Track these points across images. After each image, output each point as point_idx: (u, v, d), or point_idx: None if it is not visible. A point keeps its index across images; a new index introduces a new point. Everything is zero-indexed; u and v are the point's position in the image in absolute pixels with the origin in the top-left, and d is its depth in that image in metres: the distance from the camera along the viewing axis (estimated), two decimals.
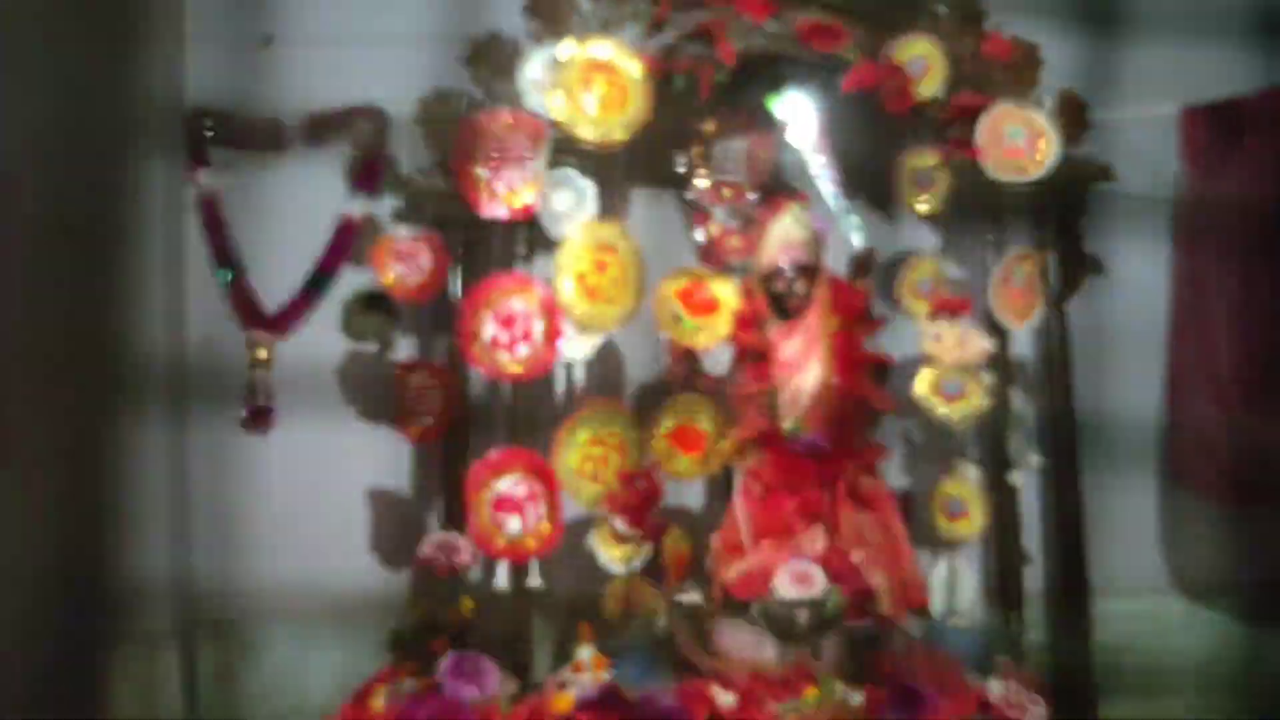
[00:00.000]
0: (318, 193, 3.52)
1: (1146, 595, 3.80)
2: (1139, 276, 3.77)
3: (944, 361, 3.18)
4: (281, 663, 3.76)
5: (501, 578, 3.04)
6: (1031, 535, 3.74)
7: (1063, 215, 3.39)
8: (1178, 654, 3.79)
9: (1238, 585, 3.66)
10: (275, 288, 3.72)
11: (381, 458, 3.76)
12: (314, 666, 3.74)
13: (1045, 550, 3.78)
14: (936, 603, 3.21)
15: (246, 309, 3.71)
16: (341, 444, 3.74)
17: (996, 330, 3.38)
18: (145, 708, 3.50)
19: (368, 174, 3.37)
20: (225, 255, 3.72)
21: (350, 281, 3.59)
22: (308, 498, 3.73)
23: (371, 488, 3.77)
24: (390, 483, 3.77)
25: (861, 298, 3.21)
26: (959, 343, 3.18)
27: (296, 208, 3.67)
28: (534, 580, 3.05)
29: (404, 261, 3.21)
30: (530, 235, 3.21)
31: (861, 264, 3.23)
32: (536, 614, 3.35)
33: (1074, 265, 3.56)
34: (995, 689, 2.73)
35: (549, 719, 2.63)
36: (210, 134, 3.64)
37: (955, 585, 3.18)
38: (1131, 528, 3.79)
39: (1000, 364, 3.39)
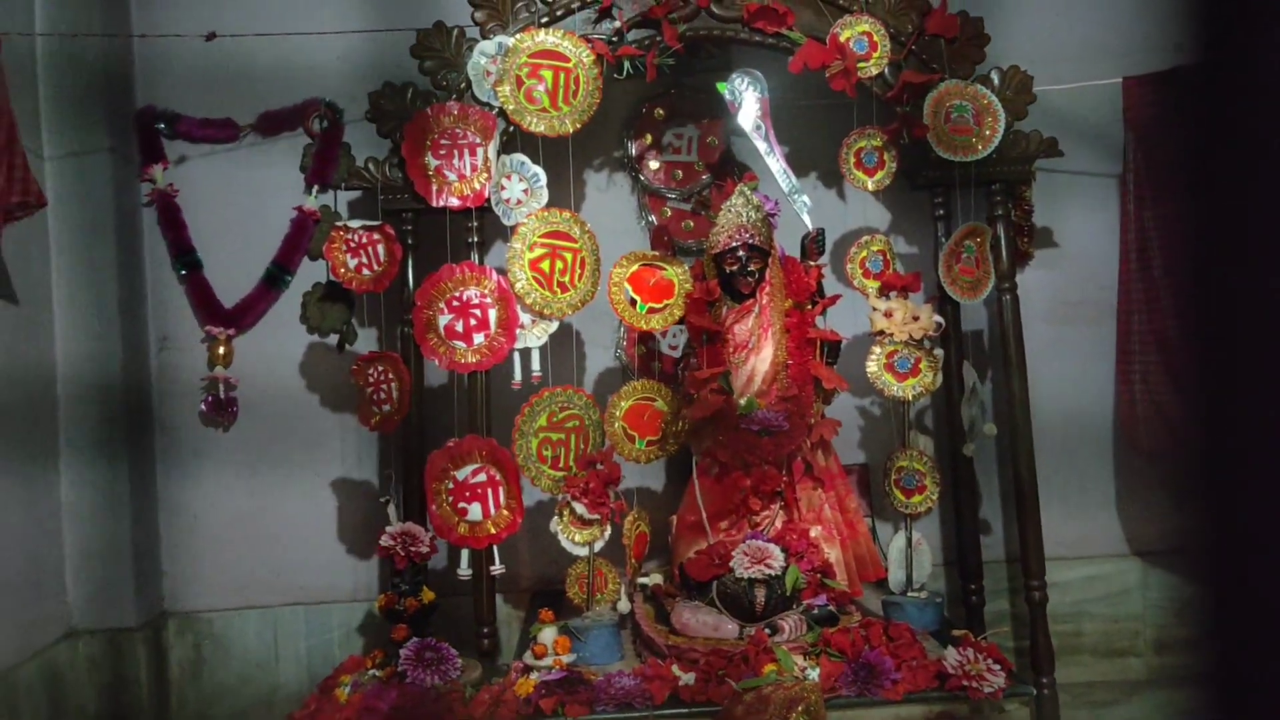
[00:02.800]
0: (272, 187, 3.53)
1: (1102, 560, 3.87)
2: (1088, 247, 3.82)
3: (896, 338, 3.22)
4: (250, 654, 3.79)
5: (464, 564, 3.08)
6: (988, 506, 3.81)
7: (1011, 189, 3.42)
8: (1134, 617, 3.87)
9: (1191, 548, 3.72)
10: (233, 283, 3.73)
11: (343, 449, 3.79)
12: (282, 657, 3.78)
13: (1002, 520, 3.85)
14: (894, 576, 3.25)
15: (205, 304, 3.72)
16: (302, 436, 3.77)
17: (948, 305, 3.42)
18: (115, 700, 3.52)
19: (321, 167, 3.37)
20: (182, 251, 3.72)
21: (307, 274, 3.60)
22: (271, 491, 3.75)
23: (334, 479, 3.80)
24: (352, 474, 3.80)
25: (813, 277, 3.24)
26: (910, 319, 3.22)
27: (251, 202, 3.68)
28: (496, 566, 3.08)
29: (358, 253, 3.22)
30: (483, 224, 3.24)
31: (813, 244, 3.25)
32: (499, 599, 3.39)
33: (1023, 238, 3.61)
34: (953, 659, 2.77)
35: (512, 703, 2.66)
36: (161, 131, 3.64)
37: (913, 558, 3.23)
38: (1086, 495, 3.85)
39: (952, 338, 3.44)
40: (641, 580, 3.22)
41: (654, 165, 3.78)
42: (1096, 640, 3.85)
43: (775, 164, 3.31)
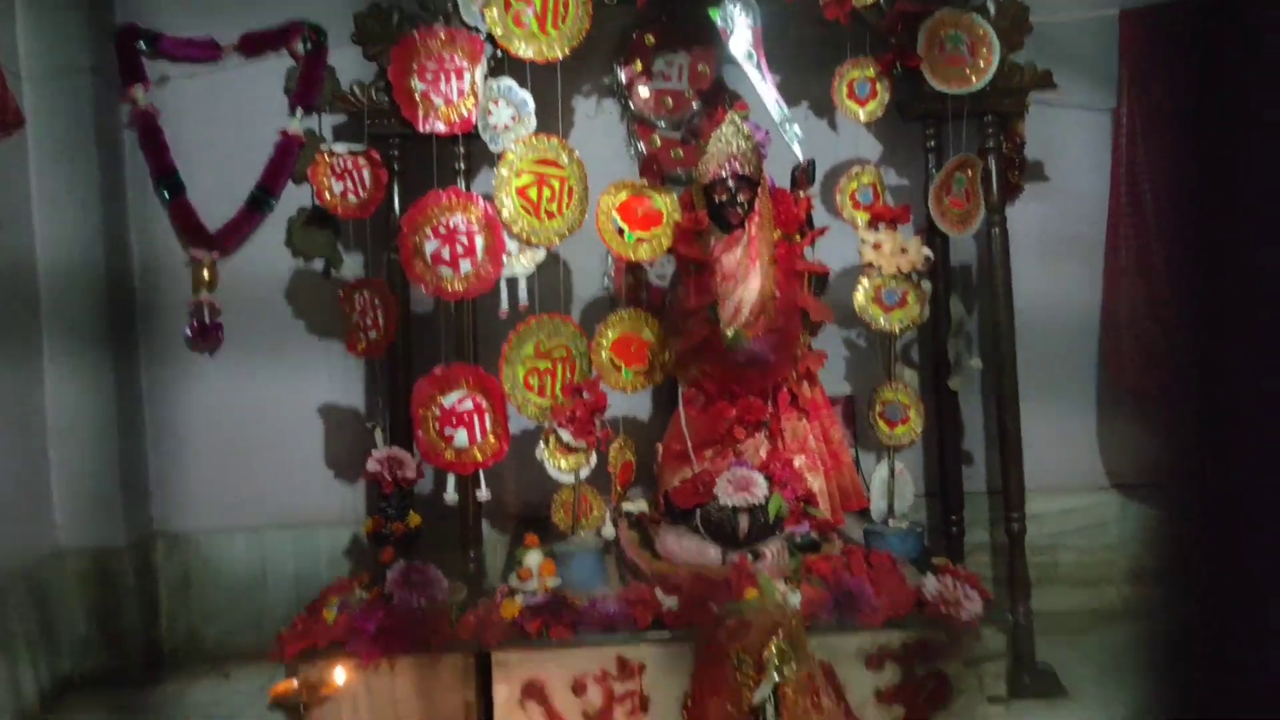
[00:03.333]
0: (256, 109, 3.48)
1: (1081, 493, 3.92)
2: (1079, 182, 3.81)
3: (884, 270, 3.22)
4: (238, 575, 3.83)
5: (450, 490, 3.10)
6: (971, 438, 3.85)
7: (1003, 121, 3.40)
8: (1111, 548, 3.93)
9: (1171, 481, 3.78)
10: (217, 206, 3.69)
11: (331, 374, 3.79)
12: (270, 578, 3.82)
13: (984, 452, 3.89)
14: (876, 505, 3.30)
15: (189, 227, 3.68)
16: (290, 361, 3.76)
17: (937, 238, 3.42)
18: (105, 618, 3.56)
19: (305, 90, 3.32)
20: (164, 173, 3.68)
21: (292, 199, 3.57)
22: (258, 415, 3.76)
23: (321, 404, 3.81)
24: (340, 399, 3.81)
25: (803, 208, 3.22)
26: (899, 251, 3.22)
27: (235, 125, 3.63)
28: (482, 492, 3.10)
29: (343, 178, 3.19)
30: (470, 150, 3.21)
31: (803, 174, 3.24)
32: (485, 524, 3.42)
33: (1014, 171, 3.59)
34: (932, 587, 2.81)
35: (498, 625, 2.70)
36: (143, 50, 3.57)
37: (895, 488, 3.26)
38: (1068, 428, 3.89)
39: (940, 271, 3.44)
40: (626, 507, 3.25)
41: (644, 92, 3.73)
42: (1072, 570, 3.91)
43: (767, 92, 3.27)
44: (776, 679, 2.43)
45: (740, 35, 3.27)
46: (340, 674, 2.48)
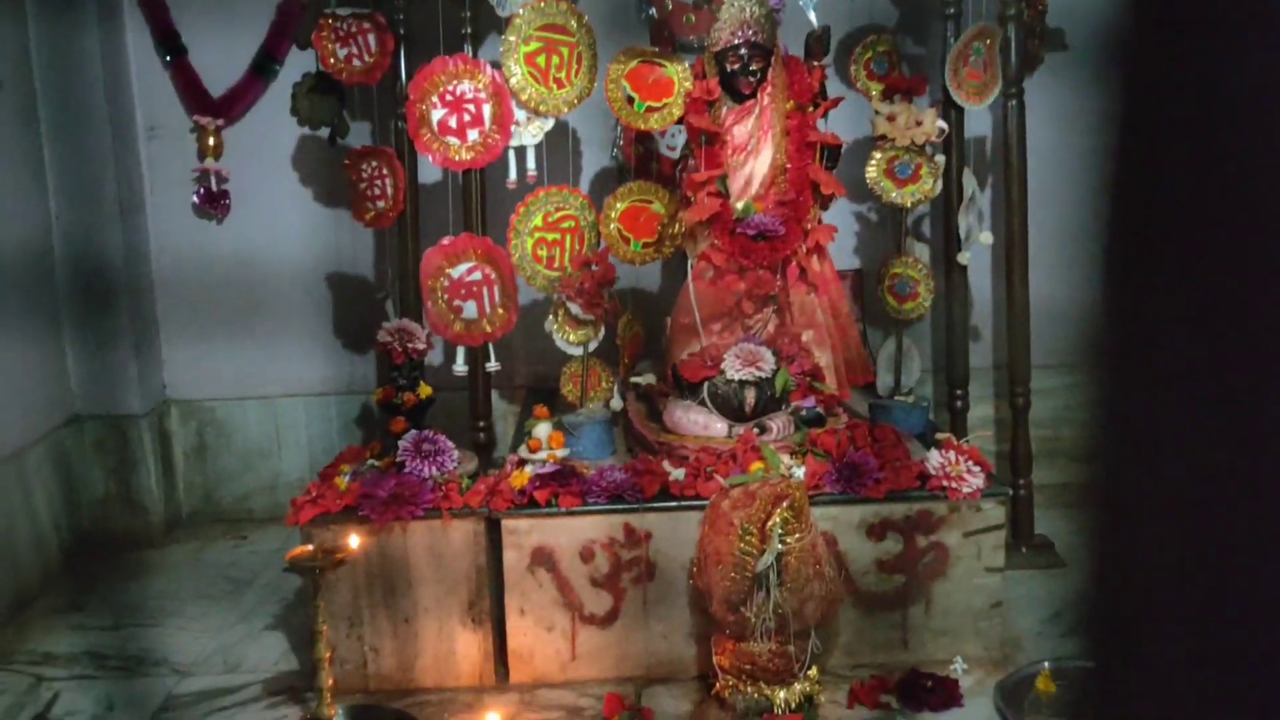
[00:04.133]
0: None
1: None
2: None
3: (897, 143, 3.17)
4: (251, 441, 3.90)
5: (460, 361, 3.13)
6: (979, 313, 3.85)
7: None
8: None
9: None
10: (220, 72, 3.64)
11: (339, 245, 3.78)
12: (284, 445, 3.88)
13: (992, 327, 3.90)
14: (882, 380, 3.32)
15: (191, 92, 3.64)
16: (298, 231, 3.76)
17: (952, 109, 3.35)
18: (123, 481, 3.65)
19: None
20: (165, 35, 3.61)
21: (296, 65, 3.51)
22: (265, 285, 3.77)
23: (330, 273, 3.81)
24: (348, 269, 3.81)
25: (816, 78, 3.15)
26: (913, 123, 3.16)
27: None
28: (491, 364, 3.13)
29: (348, 43, 3.13)
30: (476, 14, 3.12)
31: (817, 43, 3.15)
32: (494, 395, 3.46)
33: (1034, 40, 3.49)
34: (935, 461, 2.84)
35: (507, 494, 2.75)
36: None
37: (902, 363, 3.28)
38: (1076, 304, 3.88)
39: (954, 144, 3.39)
40: (634, 380, 3.27)
41: None
42: (1074, 445, 3.95)
43: None
44: (780, 548, 2.49)
45: None
46: (354, 539, 2.54)
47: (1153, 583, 0.53)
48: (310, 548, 2.46)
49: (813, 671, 2.59)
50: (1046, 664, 2.69)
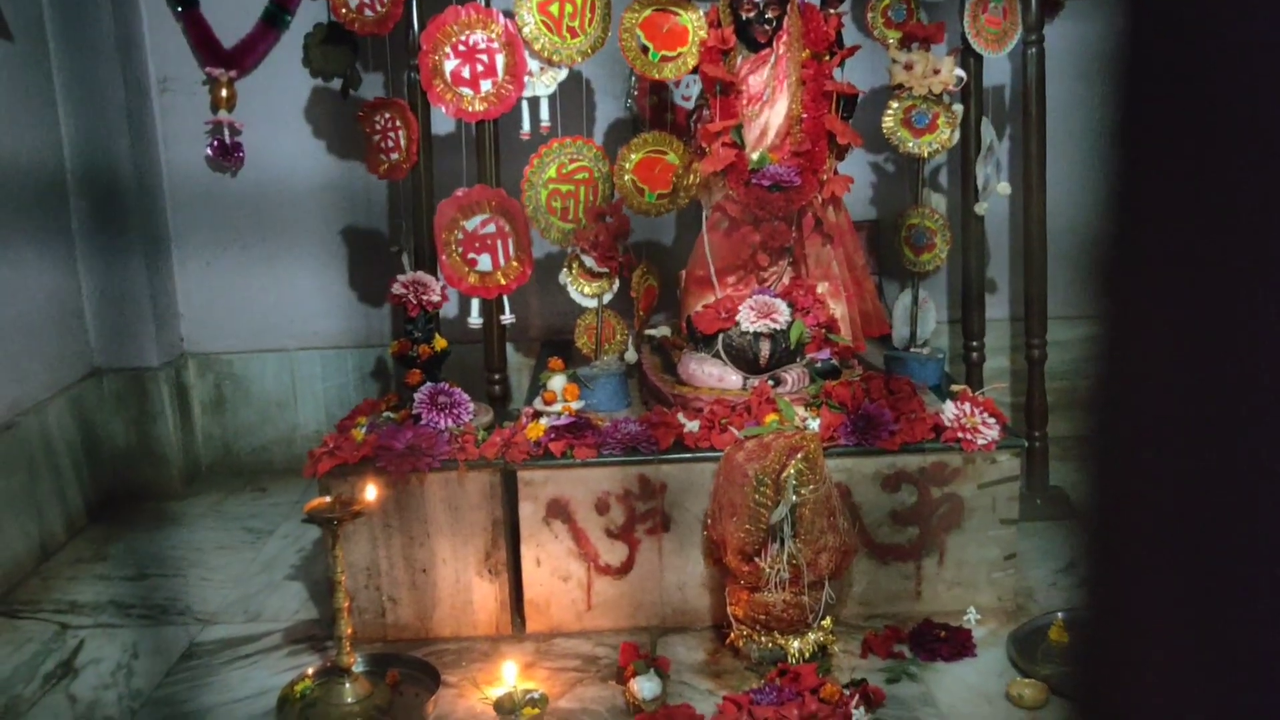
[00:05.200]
0: None
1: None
2: None
3: (915, 92, 3.13)
4: (269, 394, 3.92)
5: (474, 313, 3.13)
6: (995, 264, 3.82)
7: None
8: None
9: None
10: (232, 23, 3.62)
11: (353, 197, 3.78)
12: (300, 398, 3.91)
13: (1009, 279, 3.87)
14: (898, 332, 3.31)
15: (202, 42, 3.62)
16: (311, 183, 3.75)
17: (970, 58, 3.31)
18: (143, 432, 3.68)
19: None
20: None
21: (308, 15, 3.49)
22: (280, 237, 3.78)
23: (344, 226, 3.81)
24: (362, 222, 3.80)
25: (833, 26, 3.11)
26: (931, 72, 3.12)
27: None
28: (506, 316, 3.13)
29: None
30: None
31: None
32: (509, 347, 3.47)
33: None
34: (950, 413, 2.84)
35: (523, 445, 2.77)
36: None
37: (918, 315, 3.27)
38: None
39: (972, 93, 3.35)
40: (649, 332, 3.27)
41: None
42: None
43: None
44: (794, 499, 2.50)
45: None
46: (371, 490, 2.56)
47: (1144, 522, 0.53)
48: (328, 499, 2.48)
49: (826, 621, 2.61)
50: (1060, 614, 2.70)
